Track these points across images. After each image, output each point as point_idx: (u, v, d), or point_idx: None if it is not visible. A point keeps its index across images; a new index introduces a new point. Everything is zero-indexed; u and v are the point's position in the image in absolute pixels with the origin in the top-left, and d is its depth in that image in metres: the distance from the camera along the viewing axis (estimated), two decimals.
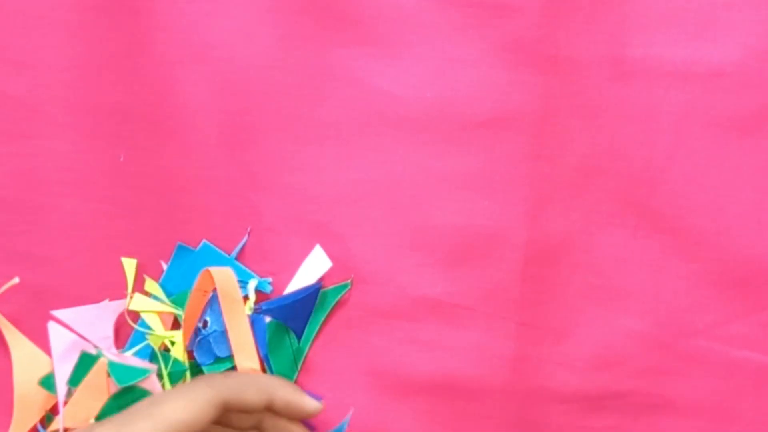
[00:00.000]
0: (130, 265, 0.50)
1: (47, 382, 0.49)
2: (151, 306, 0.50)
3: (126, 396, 0.47)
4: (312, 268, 0.49)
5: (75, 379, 0.48)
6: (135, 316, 0.51)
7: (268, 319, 0.48)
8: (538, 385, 0.49)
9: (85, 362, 0.47)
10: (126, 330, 0.51)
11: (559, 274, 0.50)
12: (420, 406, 0.50)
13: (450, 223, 0.50)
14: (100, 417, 0.47)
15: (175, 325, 0.50)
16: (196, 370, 0.49)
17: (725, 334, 0.49)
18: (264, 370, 0.48)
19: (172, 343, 0.49)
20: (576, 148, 0.49)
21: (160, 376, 0.49)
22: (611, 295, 0.50)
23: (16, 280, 0.50)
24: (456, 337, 0.50)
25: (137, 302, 0.50)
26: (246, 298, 0.49)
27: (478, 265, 0.50)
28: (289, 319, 0.48)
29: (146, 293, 0.50)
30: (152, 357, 0.49)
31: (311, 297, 0.48)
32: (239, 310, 0.47)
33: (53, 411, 0.49)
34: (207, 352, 0.48)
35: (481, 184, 0.50)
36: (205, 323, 0.48)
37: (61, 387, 0.48)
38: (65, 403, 0.48)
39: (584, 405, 0.50)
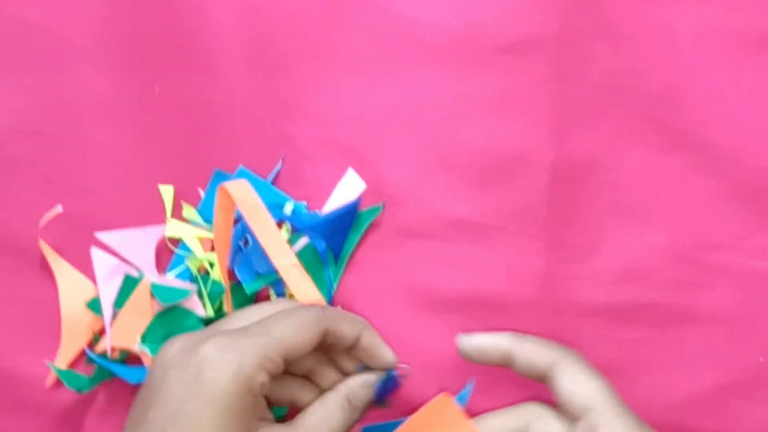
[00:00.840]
0: (167, 191, 0.51)
1: (93, 305, 0.50)
2: (187, 231, 0.51)
3: (170, 315, 0.49)
4: (346, 190, 0.51)
5: (120, 301, 0.49)
6: (176, 242, 0.52)
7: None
8: (567, 300, 0.51)
9: (129, 284, 0.49)
10: (166, 254, 0.52)
11: (584, 193, 0.51)
12: (454, 321, 0.51)
13: (477, 145, 0.51)
14: (145, 336, 0.49)
15: (215, 249, 0.51)
16: (237, 289, 0.50)
17: (746, 245, 0.50)
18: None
19: (211, 265, 0.50)
20: (597, 70, 0.50)
21: (200, 296, 0.50)
22: (635, 212, 0.51)
23: (59, 208, 0.51)
24: (486, 255, 0.51)
25: (173, 227, 0.51)
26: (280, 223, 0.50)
27: (506, 186, 0.51)
28: (328, 237, 0.49)
29: (185, 220, 0.51)
30: (192, 279, 0.51)
31: (349, 214, 0.50)
32: (263, 215, 0.48)
33: (101, 333, 0.51)
34: (248, 269, 0.49)
35: (507, 107, 0.51)
36: (246, 241, 0.49)
37: (107, 309, 0.49)
38: (111, 324, 0.49)
39: (612, 317, 0.51)
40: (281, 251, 0.48)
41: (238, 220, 0.50)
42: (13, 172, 0.53)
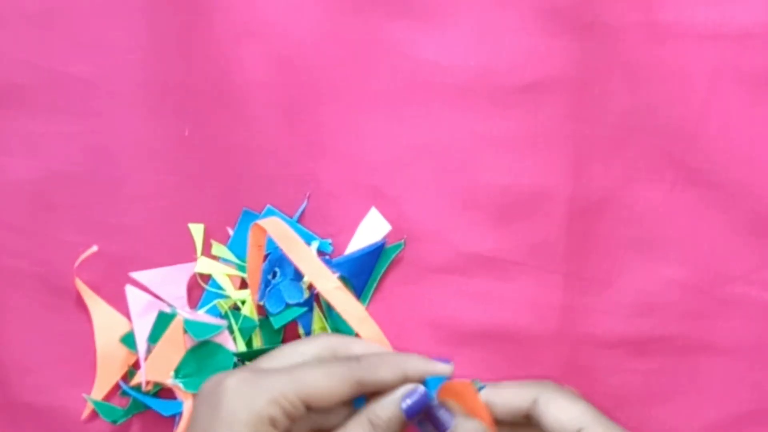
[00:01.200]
0: (197, 230, 0.53)
1: (128, 340, 0.52)
2: (217, 268, 0.53)
3: (202, 350, 0.51)
4: (369, 229, 0.52)
5: (154, 336, 0.51)
6: (206, 278, 0.54)
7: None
8: (585, 332, 0.52)
9: (163, 320, 0.51)
10: (197, 290, 0.54)
11: (602, 228, 0.52)
12: (475, 354, 0.53)
13: (497, 182, 0.52)
14: (178, 370, 0.51)
15: (243, 286, 0.53)
16: (265, 323, 0.52)
17: (760, 279, 0.51)
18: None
19: (243, 302, 0.52)
20: (614, 108, 0.52)
21: (230, 331, 0.51)
22: (652, 246, 0.52)
23: (94, 248, 0.53)
24: (507, 289, 0.53)
25: (203, 264, 0.53)
26: None
27: (525, 222, 0.52)
28: (354, 275, 0.51)
29: (214, 257, 0.53)
30: (223, 315, 0.52)
31: (375, 253, 0.51)
32: (299, 245, 0.49)
33: (135, 366, 0.53)
34: (278, 301, 0.51)
35: (526, 145, 0.52)
36: (275, 274, 0.51)
37: (141, 344, 0.51)
38: (146, 358, 0.51)
39: (629, 349, 0.52)
40: (323, 275, 0.49)
41: (267, 256, 0.52)
42: (52, 214, 0.55)
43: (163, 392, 0.53)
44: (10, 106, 0.55)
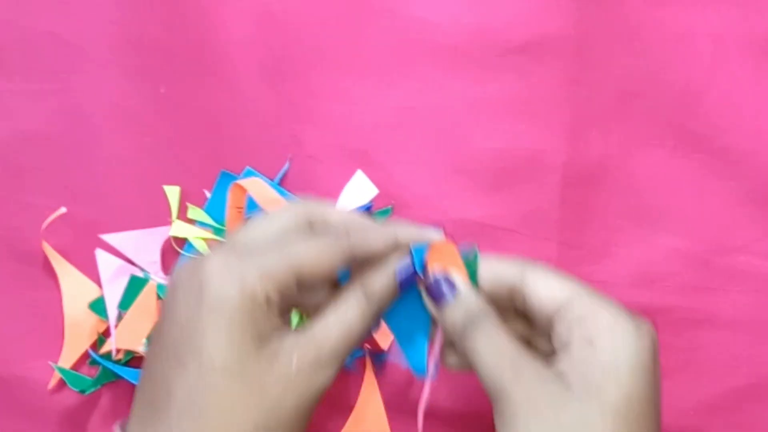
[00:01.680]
0: (173, 192, 0.51)
1: (96, 307, 0.49)
2: (192, 232, 0.50)
3: None
4: (354, 192, 0.50)
5: (125, 303, 0.49)
6: (181, 242, 0.51)
7: None
8: None
9: (135, 285, 0.48)
10: (172, 256, 0.51)
11: (598, 195, 0.50)
12: None
13: (490, 147, 0.51)
14: (150, 337, 0.48)
15: None
16: None
17: (763, 249, 0.50)
18: None
19: None
20: (613, 72, 0.50)
21: None
22: (650, 215, 0.50)
23: (63, 209, 0.50)
24: None
25: (178, 228, 0.50)
26: None
27: (519, 189, 0.50)
28: None
29: (190, 221, 0.51)
30: None
31: None
32: (282, 205, 0.47)
33: (105, 334, 0.50)
34: None
35: (520, 109, 0.50)
36: None
37: (112, 310, 0.49)
38: (116, 325, 0.48)
39: None
40: None
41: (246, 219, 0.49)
42: (20, 178, 0.52)
43: (134, 361, 0.50)
44: None
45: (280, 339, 0.36)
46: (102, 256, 0.49)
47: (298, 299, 0.38)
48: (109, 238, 0.49)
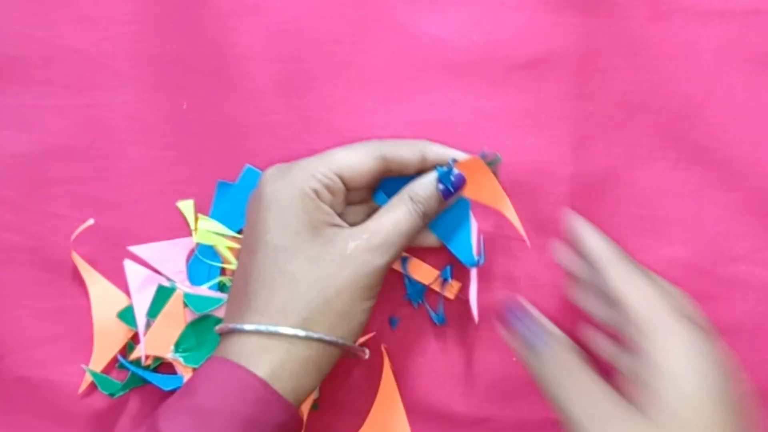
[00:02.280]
0: (187, 206, 0.53)
1: (125, 315, 0.51)
2: (216, 240, 0.52)
3: (201, 324, 0.50)
4: None
5: (154, 311, 0.51)
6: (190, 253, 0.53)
7: None
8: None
9: (163, 295, 0.51)
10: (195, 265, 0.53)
11: (603, 206, 0.52)
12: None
13: None
14: (178, 343, 0.50)
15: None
16: None
17: (764, 258, 0.51)
18: None
19: None
20: (617, 86, 0.51)
21: None
22: (654, 225, 0.52)
23: (90, 221, 0.52)
24: (508, 266, 0.52)
25: (202, 236, 0.52)
26: None
27: (527, 200, 0.52)
28: None
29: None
30: (221, 288, 0.52)
31: None
32: None
33: (134, 341, 0.52)
34: None
35: (528, 123, 0.52)
36: None
37: (141, 318, 0.50)
38: (145, 333, 0.50)
39: None
40: None
41: None
42: (47, 189, 0.55)
43: (162, 367, 0.52)
44: (6, 79, 0.54)
45: (335, 230, 0.43)
46: (130, 267, 0.51)
47: (349, 198, 0.46)
48: (136, 249, 0.52)
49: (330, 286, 0.42)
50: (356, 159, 0.45)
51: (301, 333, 0.42)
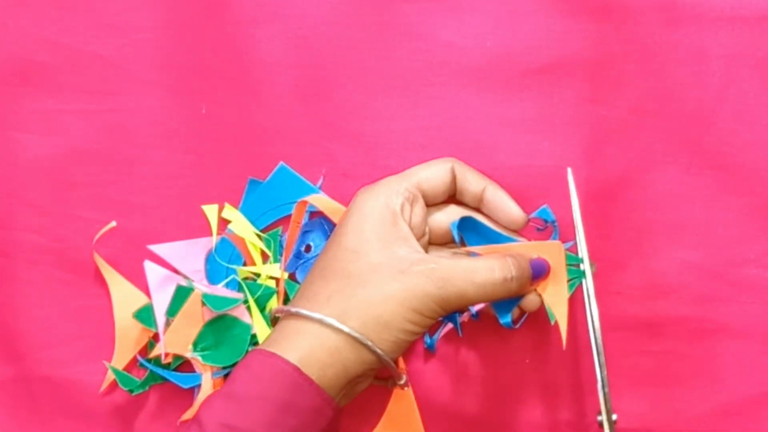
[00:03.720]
0: (211, 210, 0.54)
1: (141, 315, 0.53)
2: (247, 231, 0.54)
3: (219, 323, 0.51)
4: None
5: (173, 310, 0.52)
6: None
7: None
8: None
9: (181, 294, 0.52)
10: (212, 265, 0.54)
11: (617, 210, 0.53)
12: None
13: (512, 164, 0.53)
14: (197, 342, 0.51)
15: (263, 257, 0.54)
16: (292, 287, 0.53)
17: None
18: None
19: (257, 275, 0.53)
20: (630, 91, 0.52)
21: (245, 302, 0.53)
22: (666, 229, 0.52)
23: (113, 223, 0.53)
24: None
25: (235, 226, 0.54)
26: None
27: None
28: None
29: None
30: (238, 288, 0.53)
31: None
32: None
33: (155, 339, 0.53)
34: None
35: (542, 127, 0.53)
36: (308, 248, 0.53)
37: (160, 317, 0.52)
38: (164, 331, 0.51)
39: (643, 331, 0.53)
40: None
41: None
42: (70, 191, 0.56)
43: (181, 366, 0.53)
44: (30, 84, 0.56)
45: (405, 248, 0.45)
46: (150, 267, 0.53)
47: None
48: (156, 248, 0.53)
49: (378, 290, 0.44)
50: (434, 171, 0.48)
51: (331, 321, 0.43)
